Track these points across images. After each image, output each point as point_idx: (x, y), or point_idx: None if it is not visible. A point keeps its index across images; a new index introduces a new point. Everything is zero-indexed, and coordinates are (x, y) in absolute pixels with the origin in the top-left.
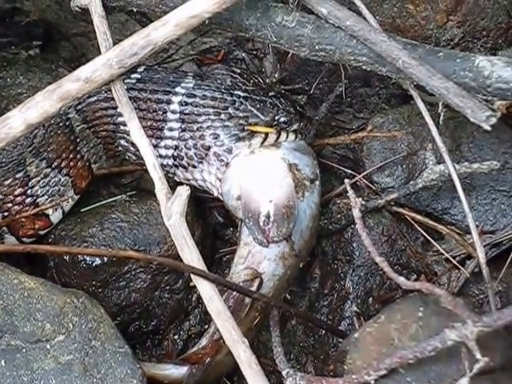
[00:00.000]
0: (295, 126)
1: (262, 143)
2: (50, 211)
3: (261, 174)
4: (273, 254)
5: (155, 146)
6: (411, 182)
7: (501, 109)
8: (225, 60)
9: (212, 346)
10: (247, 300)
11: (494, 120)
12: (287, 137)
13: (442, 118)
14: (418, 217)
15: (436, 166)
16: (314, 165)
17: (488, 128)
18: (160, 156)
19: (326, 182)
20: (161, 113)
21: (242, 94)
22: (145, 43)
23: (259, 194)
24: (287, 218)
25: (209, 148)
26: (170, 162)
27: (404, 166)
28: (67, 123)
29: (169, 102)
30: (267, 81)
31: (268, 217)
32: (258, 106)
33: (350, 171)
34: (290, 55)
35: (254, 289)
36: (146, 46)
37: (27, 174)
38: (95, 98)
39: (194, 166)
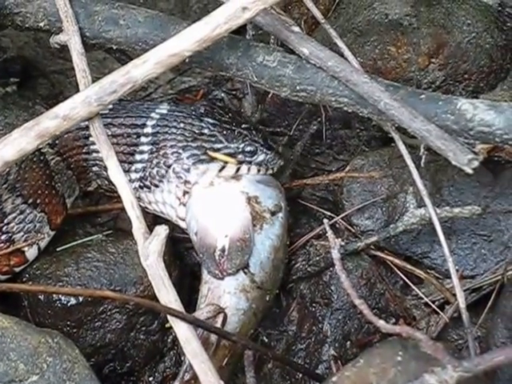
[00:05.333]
0: (261, 158)
1: (220, 171)
2: (25, 248)
3: (218, 209)
4: (232, 288)
5: (127, 171)
6: (391, 226)
7: (482, 152)
8: (204, 100)
9: None
10: (213, 338)
11: (476, 163)
12: (249, 170)
13: (423, 160)
14: (397, 261)
15: (417, 210)
16: (279, 197)
17: (470, 171)
18: (129, 180)
19: (305, 224)
20: (135, 137)
21: (211, 121)
22: (124, 81)
23: (215, 230)
24: (241, 250)
25: (169, 166)
26: (137, 184)
27: (384, 209)
28: (41, 158)
29: (143, 127)
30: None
31: (223, 251)
32: (224, 132)
33: (329, 213)
34: (269, 96)
35: (218, 325)
36: (125, 84)
37: (3, 211)
38: None
39: (156, 186)
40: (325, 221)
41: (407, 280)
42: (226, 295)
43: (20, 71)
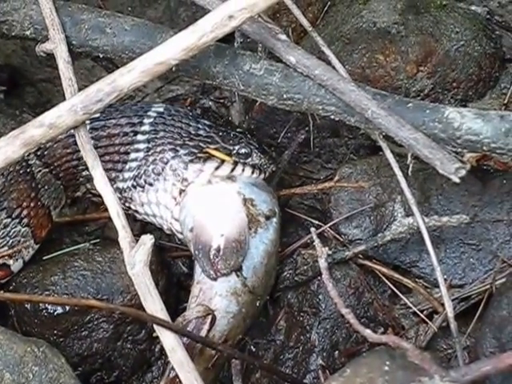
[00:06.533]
0: (255, 160)
1: (216, 169)
2: (10, 261)
3: (215, 207)
4: (224, 290)
5: (120, 171)
6: (379, 235)
7: (471, 161)
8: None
9: None
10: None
11: (463, 172)
12: (243, 171)
13: (410, 169)
14: (385, 270)
15: (405, 219)
16: (273, 202)
17: (457, 180)
18: (122, 179)
19: (293, 233)
20: (132, 135)
21: (207, 123)
22: (110, 90)
23: (211, 228)
24: (236, 251)
25: (167, 162)
26: (130, 183)
27: (372, 218)
28: (27, 170)
29: (141, 124)
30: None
31: (218, 250)
32: (220, 134)
33: (317, 222)
34: (257, 104)
35: (206, 326)
36: (111, 93)
37: None
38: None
39: (151, 184)
40: (312, 229)
41: (395, 289)
42: (217, 297)
43: (7, 79)
